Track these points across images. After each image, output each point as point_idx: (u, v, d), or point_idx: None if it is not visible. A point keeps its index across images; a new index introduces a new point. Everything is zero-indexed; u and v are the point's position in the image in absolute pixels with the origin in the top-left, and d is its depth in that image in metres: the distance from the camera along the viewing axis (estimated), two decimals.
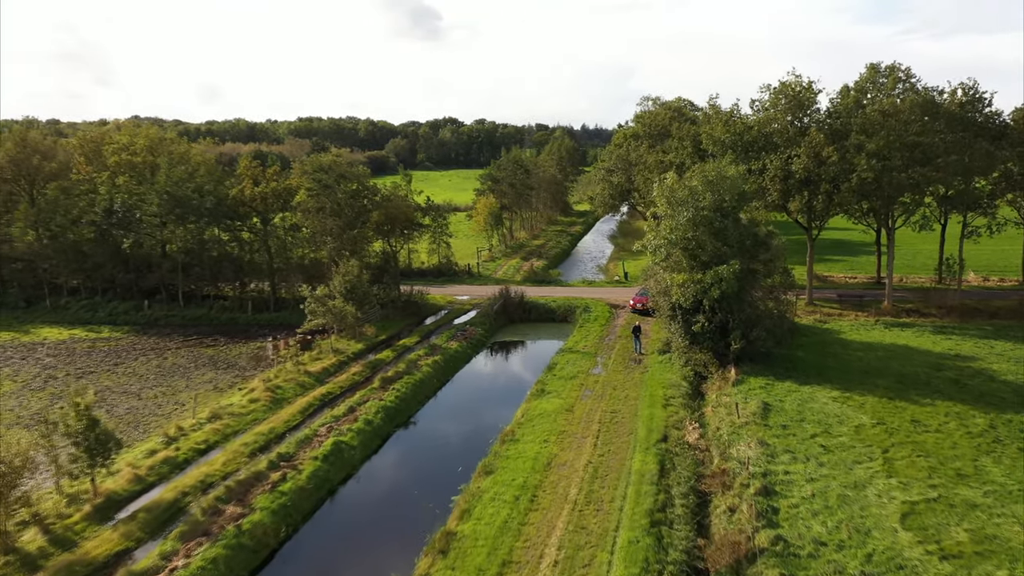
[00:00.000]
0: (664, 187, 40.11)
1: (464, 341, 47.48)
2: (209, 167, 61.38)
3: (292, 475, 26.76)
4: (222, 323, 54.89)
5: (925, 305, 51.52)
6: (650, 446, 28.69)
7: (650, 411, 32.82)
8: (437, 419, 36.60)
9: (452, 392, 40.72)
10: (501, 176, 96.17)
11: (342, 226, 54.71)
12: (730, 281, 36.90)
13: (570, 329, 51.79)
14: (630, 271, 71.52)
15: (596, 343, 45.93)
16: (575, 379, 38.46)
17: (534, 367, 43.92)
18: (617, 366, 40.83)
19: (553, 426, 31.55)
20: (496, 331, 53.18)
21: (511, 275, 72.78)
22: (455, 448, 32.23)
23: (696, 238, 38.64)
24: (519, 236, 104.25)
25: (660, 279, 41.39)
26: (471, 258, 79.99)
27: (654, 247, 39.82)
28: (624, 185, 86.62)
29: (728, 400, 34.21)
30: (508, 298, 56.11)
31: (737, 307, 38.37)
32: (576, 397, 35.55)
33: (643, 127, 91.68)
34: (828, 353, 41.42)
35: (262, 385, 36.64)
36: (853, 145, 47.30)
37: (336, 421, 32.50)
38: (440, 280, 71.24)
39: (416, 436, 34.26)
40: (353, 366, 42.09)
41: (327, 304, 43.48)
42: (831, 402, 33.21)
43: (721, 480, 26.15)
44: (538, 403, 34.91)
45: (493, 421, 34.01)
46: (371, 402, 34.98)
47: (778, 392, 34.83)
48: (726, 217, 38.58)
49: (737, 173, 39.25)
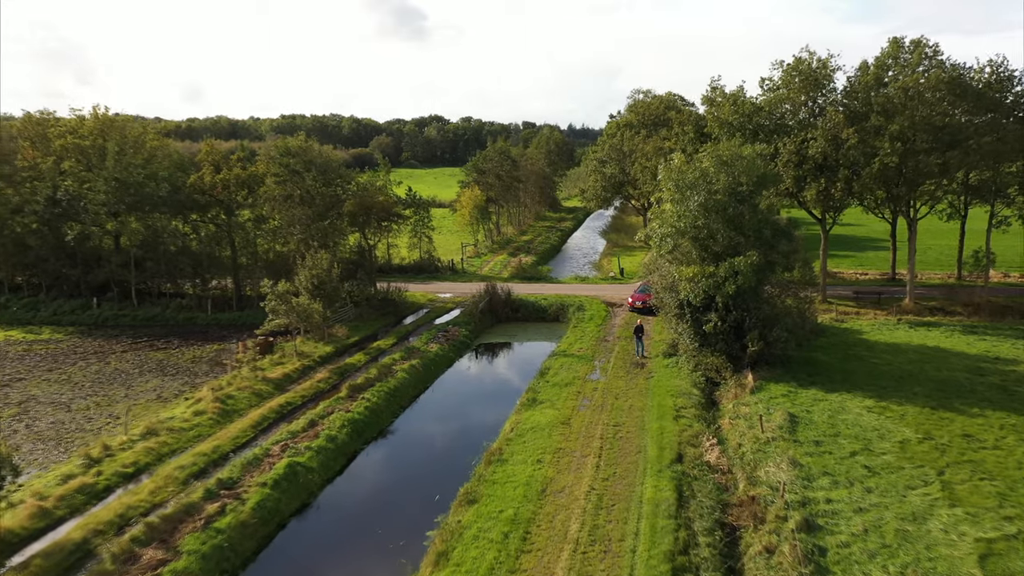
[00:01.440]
0: (671, 169, 35.96)
1: (446, 343, 43.14)
2: (167, 151, 56.55)
3: (233, 507, 22.31)
4: (178, 324, 50.22)
5: (950, 303, 47.83)
6: (663, 468, 24.47)
7: (659, 424, 28.63)
8: (412, 434, 32.22)
9: (431, 401, 36.37)
10: (487, 167, 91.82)
11: (312, 216, 50.22)
12: (747, 275, 32.83)
13: (563, 329, 47.59)
14: (626, 267, 67.41)
15: (593, 345, 41.71)
16: (571, 386, 34.23)
17: (524, 372, 39.66)
18: (618, 371, 36.62)
19: (547, 443, 27.29)
20: (481, 332, 48.87)
21: (498, 271, 68.52)
22: (432, 470, 27.88)
23: (708, 226, 34.51)
24: (506, 231, 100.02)
25: (666, 273, 37.23)
26: (455, 254, 75.67)
27: (660, 236, 35.65)
28: (618, 177, 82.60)
29: (747, 410, 30.09)
30: (494, 295, 51.81)
31: (754, 304, 34.28)
32: (573, 407, 31.31)
33: (637, 116, 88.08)
34: (852, 356, 37.46)
35: (210, 395, 32.14)
36: (873, 127, 43.40)
37: (293, 438, 28.07)
38: (421, 277, 66.94)
39: (387, 455, 29.86)
40: (319, 371, 37.64)
41: (290, 301, 38.97)
42: (866, 413, 29.18)
43: (751, 510, 21.97)
44: (529, 415, 30.65)
45: (477, 436, 29.72)
46: (336, 414, 30.56)
47: (803, 401, 30.78)
48: (742, 203, 34.48)
49: (754, 152, 35.13)
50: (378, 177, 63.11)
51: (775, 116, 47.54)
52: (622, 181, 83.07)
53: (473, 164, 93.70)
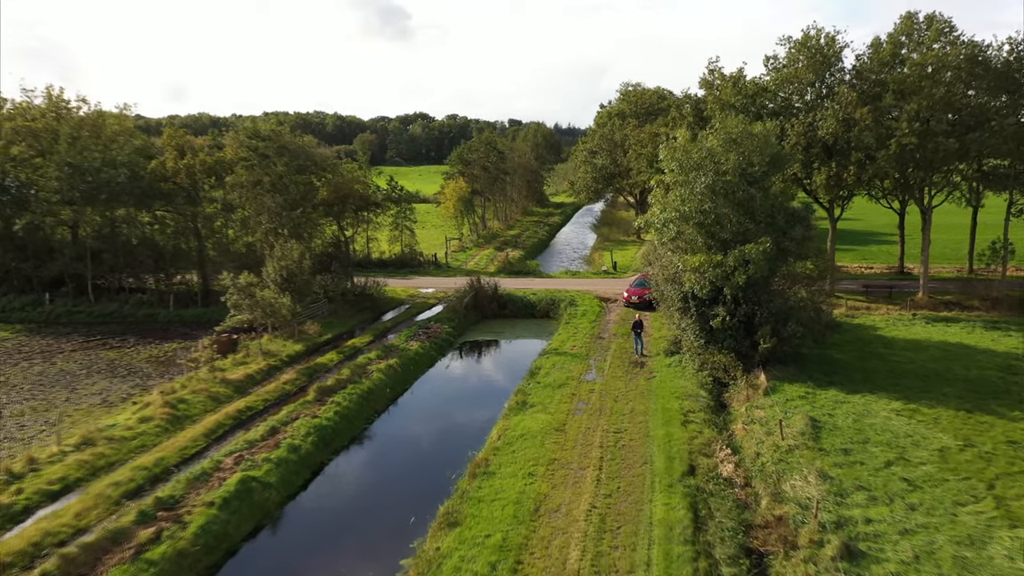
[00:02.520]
0: (674, 148, 32.96)
1: (427, 341, 39.93)
2: (129, 135, 52.86)
3: (171, 532, 19.06)
4: (137, 320, 46.74)
5: (966, 297, 45.14)
6: (673, 482, 21.43)
7: (666, 430, 25.59)
8: (388, 442, 28.99)
9: (410, 405, 33.18)
10: (472, 158, 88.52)
11: (282, 205, 46.84)
12: (759, 263, 29.88)
13: (554, 326, 44.52)
14: (619, 261, 64.46)
15: (587, 342, 38.65)
16: (564, 387, 31.15)
17: (513, 372, 36.55)
18: (616, 371, 33.58)
19: (540, 452, 24.19)
20: (466, 329, 45.70)
21: (483, 266, 65.38)
22: (409, 484, 24.69)
23: (715, 211, 31.54)
24: (492, 226, 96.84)
25: (668, 263, 34.22)
26: (439, 249, 72.43)
27: (662, 222, 32.62)
28: (609, 168, 79.61)
29: (763, 414, 27.12)
30: (480, 290, 48.64)
31: (766, 297, 31.37)
32: (567, 411, 28.23)
33: (629, 105, 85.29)
34: (870, 353, 34.63)
35: (160, 399, 28.80)
36: (888, 106, 40.62)
37: (250, 448, 24.80)
38: (403, 272, 63.76)
39: (358, 466, 26.62)
40: (286, 372, 34.36)
41: (254, 295, 35.62)
42: (894, 416, 26.31)
43: (779, 533, 18.98)
44: (519, 420, 27.53)
45: (460, 444, 26.58)
46: (301, 420, 27.32)
47: (823, 403, 27.86)
48: (752, 185, 31.54)
49: (765, 130, 32.16)
50: (359, 164, 59.92)
51: (781, 97, 44.69)
52: (613, 173, 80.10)
53: (458, 155, 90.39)
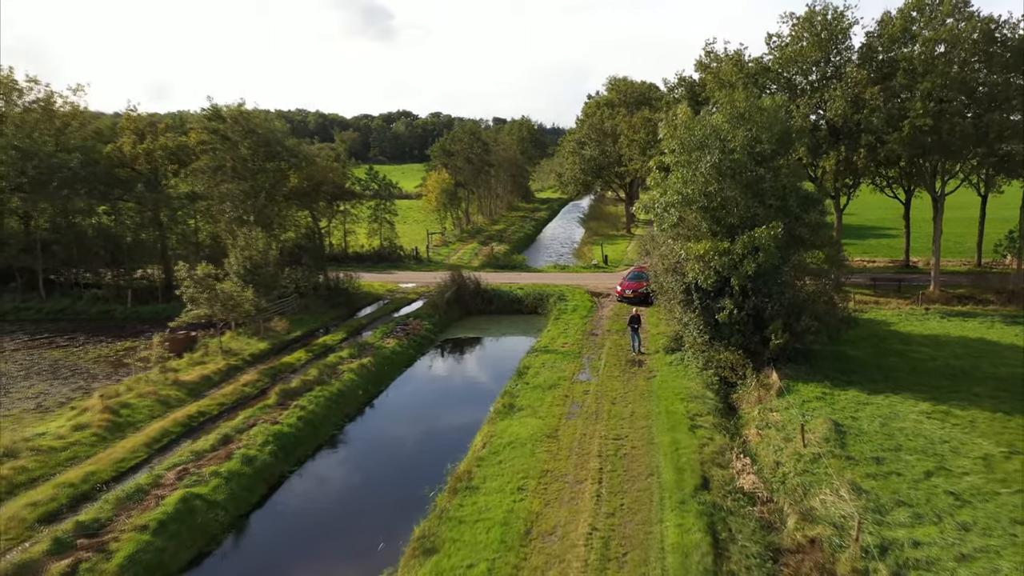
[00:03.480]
0: (675, 125, 30.23)
1: (405, 338, 36.96)
2: (85, 119, 49.39)
3: (91, 564, 16.02)
4: (92, 317, 43.42)
5: (980, 290, 42.81)
6: (686, 498, 18.63)
7: (672, 437, 22.81)
8: (358, 452, 25.97)
9: (384, 409, 30.23)
10: (456, 149, 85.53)
11: (248, 192, 43.67)
12: (770, 251, 27.21)
13: (542, 322, 41.69)
14: (609, 255, 61.71)
15: (579, 340, 35.82)
16: (556, 389, 28.30)
17: (498, 372, 33.68)
18: (612, 370, 30.78)
19: (530, 463, 21.33)
20: (448, 325, 42.75)
21: (467, 260, 62.42)
22: (380, 501, 21.75)
23: (721, 193, 28.85)
24: (476, 220, 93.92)
25: (669, 251, 31.49)
26: (420, 244, 69.36)
27: (663, 207, 29.84)
28: (598, 159, 76.89)
29: (778, 418, 24.40)
30: (463, 285, 45.72)
31: (777, 288, 28.68)
32: (560, 415, 25.38)
33: (618, 94, 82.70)
34: (887, 350, 32.08)
35: (100, 404, 25.65)
36: (900, 85, 38.10)
37: (197, 460, 21.77)
38: (382, 266, 60.71)
39: (322, 480, 23.57)
40: (247, 372, 31.29)
41: (213, 288, 32.47)
42: (925, 420, 23.68)
43: (814, 560, 16.23)
44: (506, 425, 24.65)
45: (439, 454, 23.68)
46: (259, 427, 24.30)
47: (844, 405, 25.19)
48: (762, 164, 28.86)
49: (775, 104, 29.48)
50: (336, 151, 57.05)
51: (784, 78, 42.09)
52: (603, 164, 77.39)
53: (440, 146, 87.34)
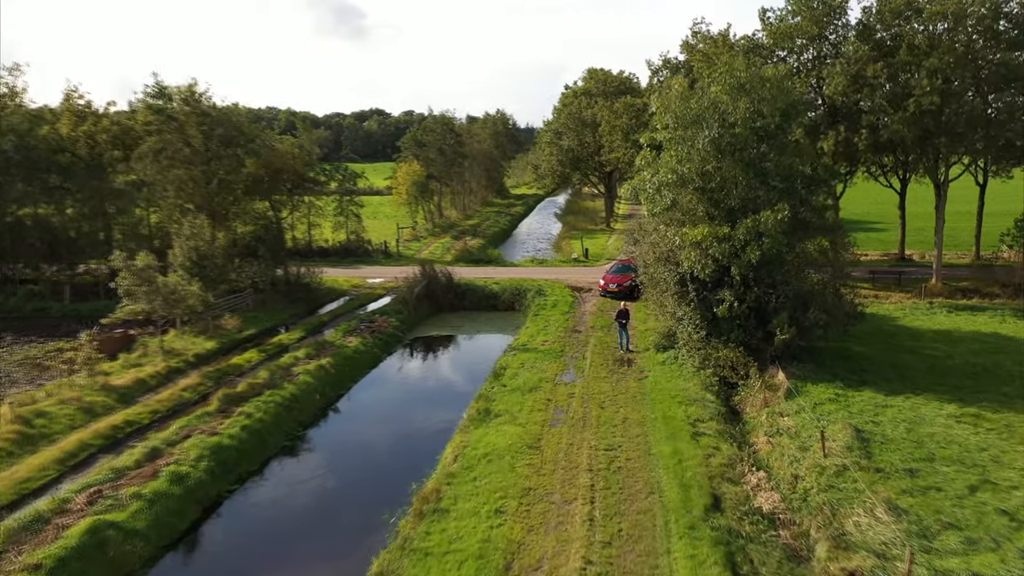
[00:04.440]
0: (668, 98, 27.46)
1: (370, 336, 33.84)
2: (20, 99, 45.59)
3: None
4: (25, 315, 39.68)
5: (984, 283, 40.70)
6: (696, 522, 15.80)
7: (672, 446, 20.00)
8: (310, 466, 22.77)
9: (344, 415, 27.12)
10: (428, 140, 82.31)
11: (198, 179, 40.27)
12: (775, 236, 24.57)
13: (520, 319, 38.81)
14: (590, 249, 58.96)
15: (561, 337, 32.95)
16: (537, 391, 25.39)
17: (473, 374, 30.76)
18: (598, 370, 27.93)
19: (510, 479, 18.40)
20: (418, 322, 39.69)
21: (439, 255, 59.33)
22: (332, 527, 18.67)
23: (720, 172, 26.14)
24: (449, 215, 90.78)
25: (660, 238, 28.74)
26: (390, 239, 66.12)
27: (655, 188, 27.04)
28: (576, 150, 74.15)
29: (789, 423, 21.72)
30: (433, 279, 42.69)
31: (781, 278, 26.06)
32: (543, 422, 22.46)
33: (596, 83, 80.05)
34: (897, 346, 29.63)
35: (10, 413, 22.25)
36: (904, 62, 35.73)
37: (116, 479, 18.56)
38: (348, 261, 57.51)
39: (266, 500, 20.34)
40: (190, 375, 27.99)
41: (153, 280, 29.11)
42: (955, 424, 21.14)
43: None
44: (482, 434, 21.69)
45: (405, 468, 20.72)
46: (195, 438, 21.12)
47: (861, 408, 22.56)
48: (765, 140, 26.21)
49: (779, 73, 26.81)
50: (301, 139, 53.90)
51: (778, 56, 39.60)
52: (581, 155, 74.69)
53: (412, 136, 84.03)
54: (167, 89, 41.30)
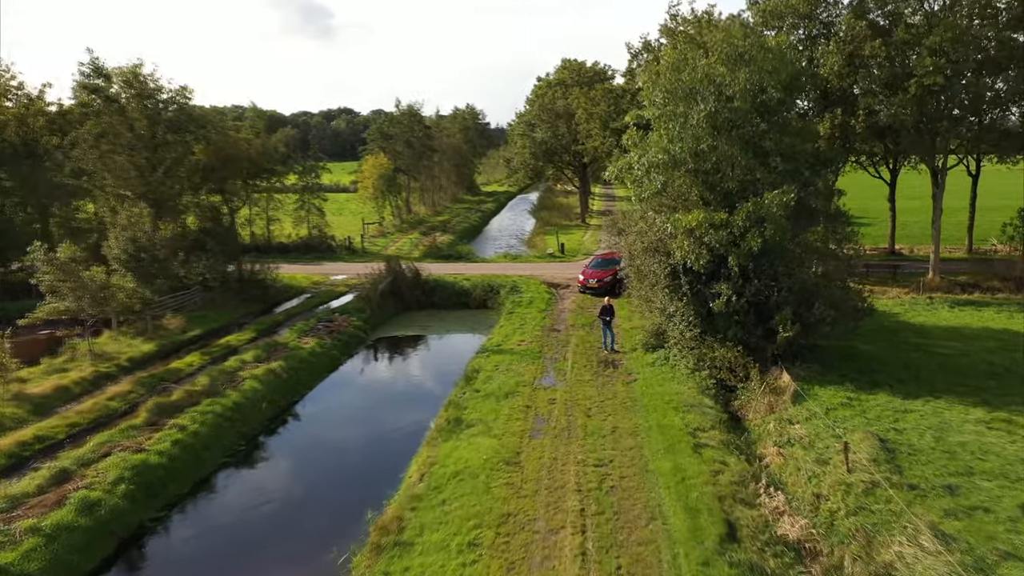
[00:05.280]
0: (657, 72, 24.95)
1: (328, 337, 30.93)
2: None
3: None
4: None
5: (983, 277, 38.82)
6: (711, 556, 13.24)
7: (673, 462, 17.43)
8: (251, 489, 19.71)
9: (295, 427, 24.19)
10: (395, 132, 79.24)
11: (141, 166, 37.00)
12: (778, 222, 22.19)
13: (493, 318, 36.11)
14: (567, 244, 56.43)
15: (538, 337, 30.31)
16: (514, 397, 22.72)
17: (442, 377, 28.04)
18: (582, 372, 25.32)
19: (484, 504, 15.70)
20: (382, 322, 36.81)
21: (407, 251, 56.38)
22: (271, 566, 15.78)
23: (716, 152, 23.68)
24: (418, 211, 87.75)
25: (649, 227, 26.21)
26: (356, 235, 63.02)
27: (643, 169, 24.48)
28: (550, 142, 71.58)
29: (801, 432, 19.28)
30: (400, 275, 39.85)
31: (784, 270, 23.67)
32: (521, 433, 19.79)
33: (571, 74, 77.61)
34: (904, 344, 27.41)
35: None
36: (902, 41, 33.65)
37: (10, 509, 15.53)
38: (310, 257, 54.45)
39: (197, 530, 17.36)
40: (120, 382, 24.85)
41: (78, 275, 25.91)
42: (986, 431, 18.82)
43: None
44: (451, 448, 18.97)
45: (362, 490, 17.99)
46: (116, 456, 18.15)
47: (878, 413, 20.20)
48: (765, 117, 23.80)
49: (782, 43, 24.41)
50: (248, 126, 50.75)
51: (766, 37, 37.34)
52: (555, 147, 72.17)
53: (378, 128, 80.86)
54: (104, 69, 37.89)
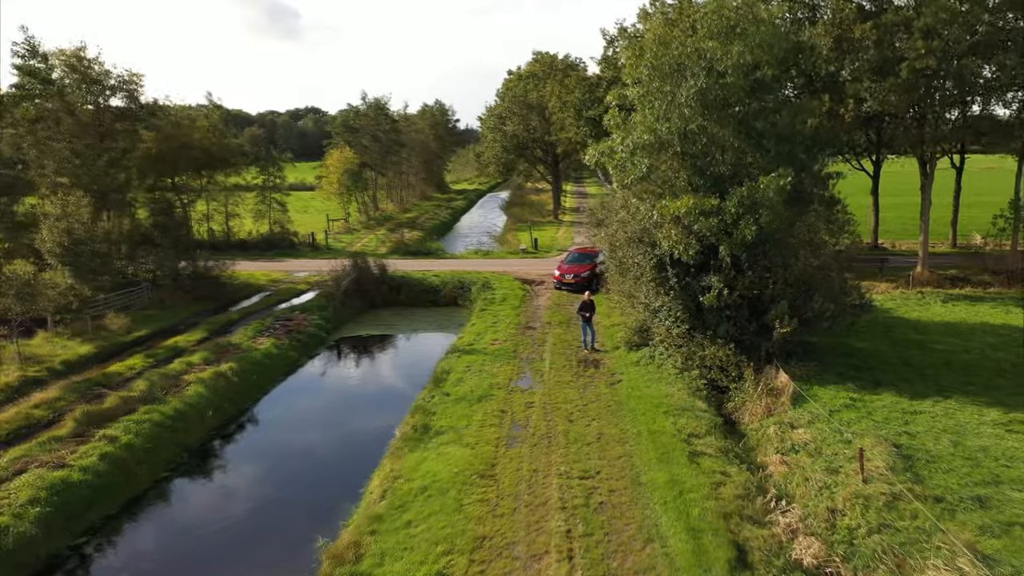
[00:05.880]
0: (642, 45, 23.14)
1: (285, 337, 28.71)
2: None
3: None
4: None
5: (974, 271, 37.77)
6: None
7: (668, 473, 15.57)
8: (189, 509, 17.49)
9: (244, 436, 21.93)
10: (361, 124, 76.75)
11: (83, 154, 34.43)
12: (776, 207, 20.53)
13: (464, 316, 34.13)
14: (540, 240, 54.57)
15: (513, 335, 28.36)
16: (488, 401, 20.75)
17: (408, 380, 26.03)
18: (561, 373, 23.42)
19: (456, 525, 13.71)
20: (345, 320, 34.61)
21: (373, 247, 54.11)
22: None
23: (706, 133, 21.93)
24: (386, 208, 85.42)
25: (633, 216, 24.36)
26: (320, 231, 60.57)
27: (627, 151, 22.62)
28: (521, 135, 69.72)
29: (805, 436, 17.54)
30: (364, 272, 37.68)
31: (780, 260, 22.00)
32: (497, 442, 17.82)
33: (543, 67, 75.80)
34: (902, 340, 25.94)
35: None
36: (891, 23, 32.28)
37: None
38: (271, 254, 52.06)
39: (120, 563, 15.13)
40: (49, 388, 22.30)
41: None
42: (1006, 434, 17.27)
43: None
44: (418, 459, 16.96)
45: (316, 509, 15.85)
46: (32, 473, 15.88)
47: (885, 416, 18.56)
48: (758, 96, 22.11)
49: (774, 15, 22.74)
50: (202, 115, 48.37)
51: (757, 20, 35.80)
52: (526, 141, 70.34)
53: (343, 121, 78.28)
54: (40, 49, 35.24)
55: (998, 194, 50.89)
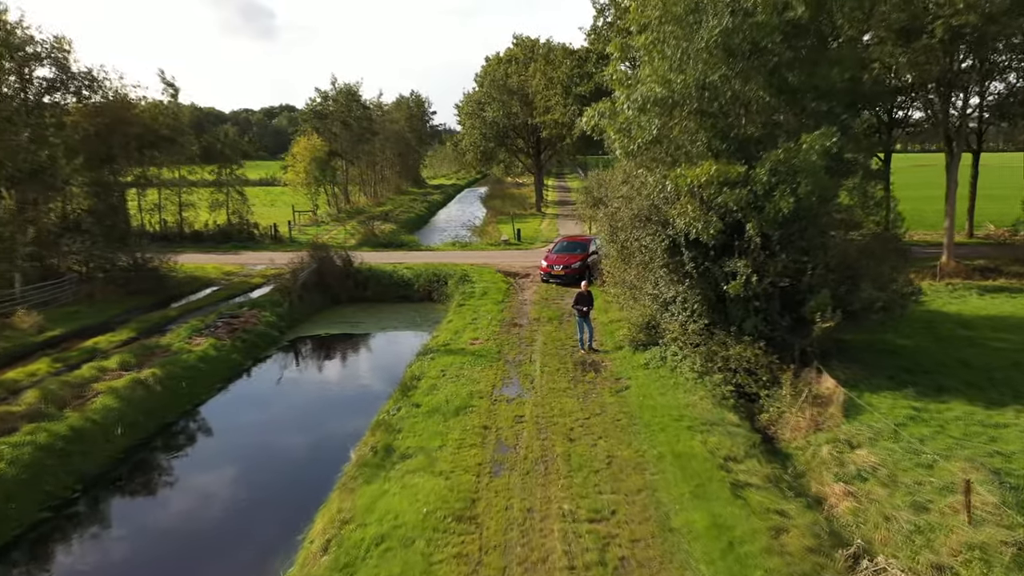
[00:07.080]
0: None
1: (227, 337, 24.58)
2: None
3: None
4: None
5: (1003, 262, 34.61)
6: None
7: (709, 514, 11.74)
8: (73, 562, 13.50)
9: (161, 460, 17.79)
10: (331, 111, 72.39)
11: None
12: (818, 174, 16.84)
13: (440, 312, 30.19)
14: (523, 232, 50.75)
15: (496, 333, 24.46)
16: (467, 414, 16.85)
17: (372, 387, 22.08)
18: (554, 377, 19.55)
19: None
20: (303, 318, 30.48)
21: (342, 240, 49.93)
22: None
23: (731, 86, 18.19)
24: (357, 201, 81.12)
25: (638, 190, 20.57)
26: (286, 222, 56.31)
27: (635, 108, 18.77)
28: (501, 122, 65.87)
29: (870, 459, 13.84)
30: (326, 264, 33.62)
31: (819, 240, 18.33)
32: (478, 468, 13.93)
33: (524, 51, 72.17)
34: (950, 337, 22.41)
35: None
36: None
37: None
38: (228, 246, 47.82)
39: None
40: None
41: None
42: None
43: None
44: (376, 494, 13.03)
45: (236, 570, 11.83)
46: None
47: (964, 430, 15.00)
48: (791, 43, 18.40)
49: None
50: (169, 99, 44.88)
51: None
52: (507, 128, 66.49)
53: (311, 108, 73.83)
54: None
55: (1008, 188, 48.14)
